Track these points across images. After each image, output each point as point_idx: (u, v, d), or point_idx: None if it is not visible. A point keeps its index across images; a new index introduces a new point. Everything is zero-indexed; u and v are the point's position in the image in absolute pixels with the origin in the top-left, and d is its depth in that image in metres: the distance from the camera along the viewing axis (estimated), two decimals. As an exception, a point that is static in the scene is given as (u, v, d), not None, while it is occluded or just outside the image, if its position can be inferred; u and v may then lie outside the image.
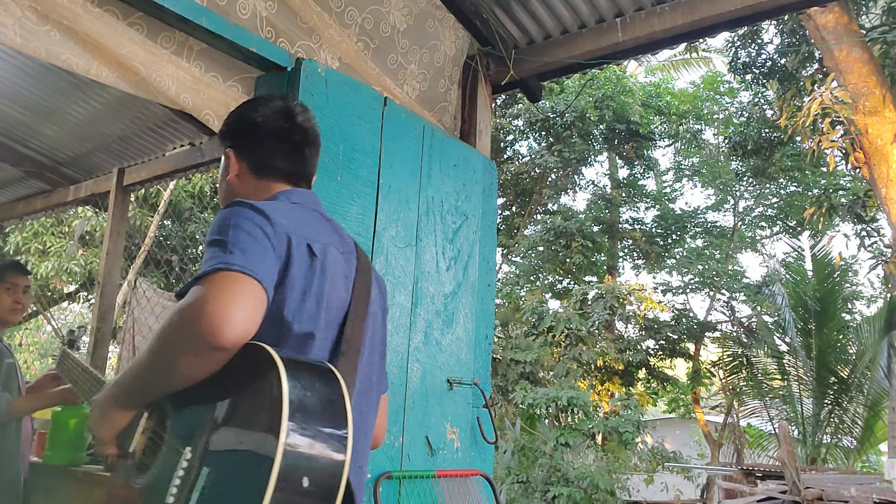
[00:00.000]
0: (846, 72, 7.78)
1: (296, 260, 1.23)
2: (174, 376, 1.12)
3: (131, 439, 1.25)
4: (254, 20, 2.28)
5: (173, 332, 1.10)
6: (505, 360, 11.00)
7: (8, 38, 1.80)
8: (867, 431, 11.75)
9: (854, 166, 8.12)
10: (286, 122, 1.47)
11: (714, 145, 17.17)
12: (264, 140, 1.46)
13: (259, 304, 1.12)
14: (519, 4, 3.12)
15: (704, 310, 16.47)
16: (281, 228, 1.23)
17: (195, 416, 1.14)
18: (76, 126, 4.16)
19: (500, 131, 14.20)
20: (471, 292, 2.80)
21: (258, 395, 1.08)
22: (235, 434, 1.09)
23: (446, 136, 2.83)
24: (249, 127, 1.47)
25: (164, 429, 1.21)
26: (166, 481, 1.11)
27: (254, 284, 1.12)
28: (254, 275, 1.12)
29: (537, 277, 17.26)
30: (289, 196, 1.41)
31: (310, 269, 1.27)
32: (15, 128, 4.29)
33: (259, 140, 1.46)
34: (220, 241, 1.17)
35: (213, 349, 1.06)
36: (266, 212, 1.23)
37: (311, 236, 1.30)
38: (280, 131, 1.46)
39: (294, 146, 1.47)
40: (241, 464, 1.05)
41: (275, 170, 1.45)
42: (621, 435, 9.62)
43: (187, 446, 1.12)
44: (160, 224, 8.97)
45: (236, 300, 1.08)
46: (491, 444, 2.78)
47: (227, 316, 1.06)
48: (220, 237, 1.18)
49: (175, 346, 1.10)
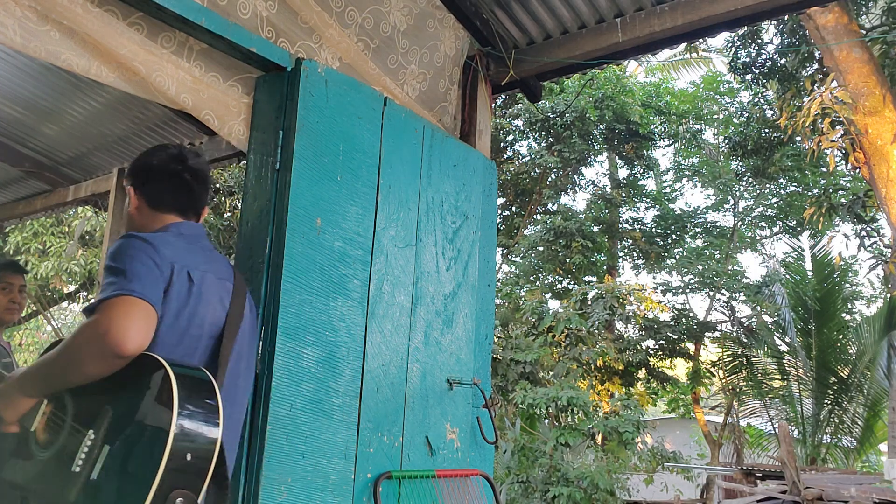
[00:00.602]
0: (846, 72, 7.78)
1: (175, 285, 1.55)
2: (80, 376, 1.43)
3: (33, 420, 1.54)
4: (254, 20, 2.28)
5: (84, 342, 1.41)
6: (505, 360, 11.00)
7: (8, 38, 1.80)
8: (867, 431, 11.76)
9: (854, 166, 8.12)
10: (179, 165, 1.76)
11: (714, 145, 17.16)
12: (159, 180, 1.75)
13: (152, 322, 1.45)
14: (519, 5, 3.12)
15: (704, 310, 16.48)
16: (166, 258, 1.55)
17: (97, 406, 1.44)
18: (76, 126, 4.16)
19: (499, 131, 14.20)
20: (471, 292, 2.80)
21: (151, 390, 1.41)
22: (133, 420, 1.40)
23: (446, 136, 2.83)
24: (147, 168, 1.77)
25: (66, 414, 1.50)
26: (70, 455, 1.42)
27: (147, 307, 1.44)
28: (147, 299, 1.45)
29: (537, 277, 17.26)
30: (178, 227, 1.72)
31: (188, 293, 1.57)
32: (15, 127, 4.29)
33: (154, 179, 1.75)
34: (119, 269, 1.47)
35: (116, 357, 1.38)
36: (154, 243, 1.55)
37: (192, 264, 1.61)
38: (173, 172, 1.75)
39: (184, 185, 1.76)
40: (138, 443, 1.38)
41: (167, 204, 1.74)
42: (621, 435, 9.61)
43: (90, 429, 1.42)
44: (160, 224, 8.94)
45: (135, 319, 1.41)
46: (491, 444, 2.78)
47: (128, 332, 1.38)
48: (118, 265, 1.48)
49: (84, 353, 1.41)
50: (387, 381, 2.34)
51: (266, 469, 1.93)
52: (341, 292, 2.23)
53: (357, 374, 2.23)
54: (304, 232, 2.14)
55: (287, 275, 2.07)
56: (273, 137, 2.20)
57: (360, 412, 2.22)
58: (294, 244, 2.11)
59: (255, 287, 2.09)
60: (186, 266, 1.59)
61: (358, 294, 2.28)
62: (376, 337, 2.33)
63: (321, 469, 2.08)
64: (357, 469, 2.18)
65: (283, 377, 2.01)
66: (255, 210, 2.18)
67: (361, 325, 2.28)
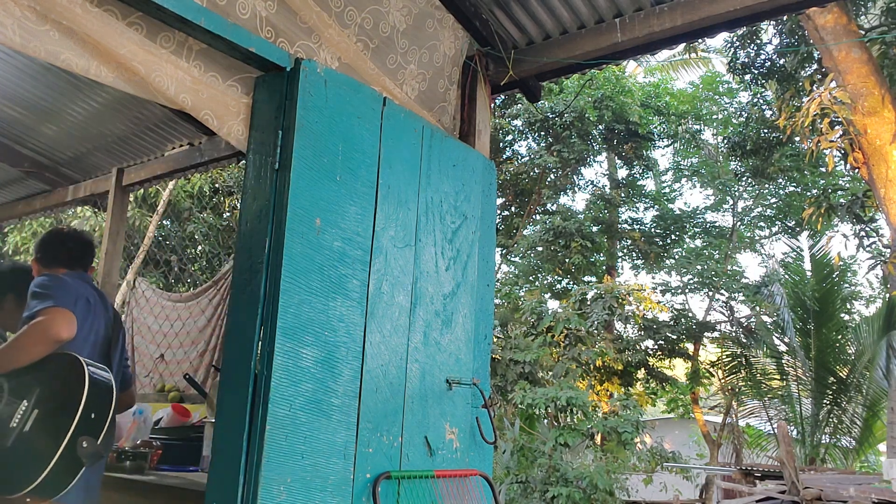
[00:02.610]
0: (845, 72, 7.78)
1: (79, 304, 2.42)
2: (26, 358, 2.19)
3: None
4: (253, 20, 2.28)
5: (34, 332, 2.19)
6: (504, 360, 11.01)
7: (7, 38, 1.79)
8: (866, 431, 11.77)
9: (853, 166, 8.13)
10: (60, 241, 2.73)
11: (713, 145, 17.17)
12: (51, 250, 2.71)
13: (74, 324, 2.25)
14: (518, 5, 3.12)
15: (703, 310, 16.50)
16: (71, 287, 2.44)
17: (27, 386, 2.17)
18: (75, 126, 4.16)
19: (499, 131, 14.20)
20: (470, 292, 2.80)
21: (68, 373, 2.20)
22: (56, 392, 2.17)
23: (445, 136, 2.83)
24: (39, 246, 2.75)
25: (3, 392, 2.20)
26: (9, 417, 2.14)
27: (71, 314, 2.26)
28: (70, 309, 2.28)
29: (536, 277, 17.28)
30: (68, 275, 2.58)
31: (86, 310, 2.47)
32: (14, 127, 4.29)
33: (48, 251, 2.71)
34: (47, 294, 2.30)
35: (55, 342, 2.19)
36: (62, 278, 2.49)
37: (84, 295, 2.50)
38: (57, 247, 2.72)
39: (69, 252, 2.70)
40: (59, 407, 2.14)
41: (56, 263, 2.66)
42: (620, 435, 9.62)
43: (24, 400, 2.15)
44: (159, 224, 8.96)
45: (67, 321, 2.23)
46: (490, 445, 2.78)
47: (63, 327, 2.20)
48: (47, 291, 2.32)
49: (33, 341, 2.19)
50: (386, 382, 2.34)
51: (265, 469, 1.93)
52: (340, 292, 2.23)
53: (356, 375, 2.23)
54: (304, 232, 2.14)
55: (286, 275, 2.07)
56: (272, 137, 2.20)
57: (359, 412, 2.22)
58: (293, 244, 2.11)
59: (254, 287, 2.09)
60: (84, 295, 2.50)
61: (357, 294, 2.28)
62: (375, 337, 2.33)
63: (320, 469, 2.08)
64: (356, 469, 2.18)
65: (283, 377, 2.01)
66: (255, 210, 2.18)
67: (360, 325, 2.28)
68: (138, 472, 3.06)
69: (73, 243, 2.73)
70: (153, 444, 3.36)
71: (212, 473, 2.03)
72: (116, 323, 2.72)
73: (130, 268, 7.65)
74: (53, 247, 2.71)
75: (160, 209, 8.48)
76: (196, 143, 4.12)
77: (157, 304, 5.02)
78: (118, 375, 2.54)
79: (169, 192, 8.49)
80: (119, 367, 2.67)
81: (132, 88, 2.07)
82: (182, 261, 9.94)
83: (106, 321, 2.61)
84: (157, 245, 8.89)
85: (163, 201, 8.44)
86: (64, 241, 2.73)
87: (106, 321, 2.61)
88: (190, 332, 4.67)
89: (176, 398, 4.23)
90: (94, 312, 2.52)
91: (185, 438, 3.53)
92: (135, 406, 3.33)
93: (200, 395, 3.77)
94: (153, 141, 4.26)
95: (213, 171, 8.24)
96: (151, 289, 5.26)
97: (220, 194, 10.75)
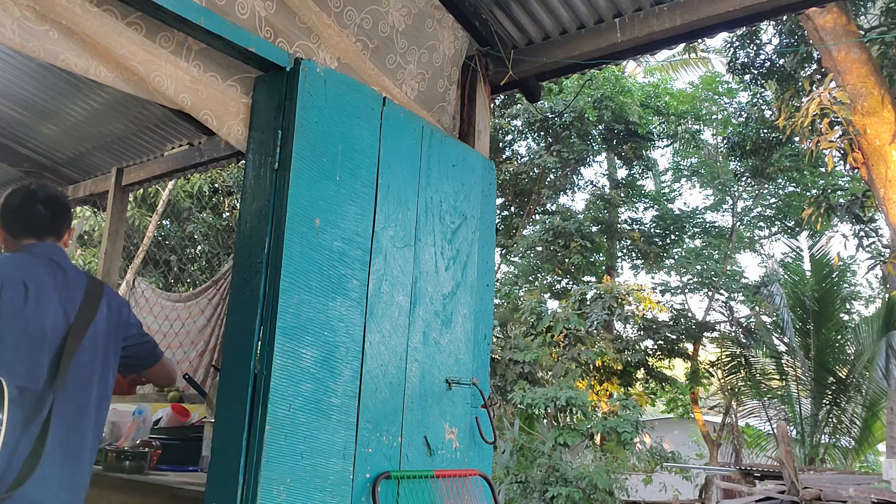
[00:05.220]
0: (844, 72, 7.79)
1: (6, 294, 1.92)
2: None
3: None
4: (253, 20, 2.27)
5: None
6: (504, 360, 11.01)
7: (7, 38, 1.79)
8: (865, 431, 11.78)
9: (852, 167, 8.13)
10: (29, 200, 2.17)
11: (713, 145, 17.18)
12: (14, 214, 2.17)
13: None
14: (518, 5, 3.12)
15: (703, 310, 16.48)
16: None
17: None
18: (75, 126, 4.16)
19: (498, 131, 14.21)
20: (469, 292, 2.80)
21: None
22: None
23: (445, 136, 2.83)
24: (4, 209, 2.19)
25: None
26: None
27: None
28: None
29: (536, 277, 17.27)
30: (31, 248, 2.12)
31: (24, 300, 1.95)
32: (14, 127, 4.29)
33: (10, 215, 2.17)
34: None
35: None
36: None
37: (30, 277, 2.00)
38: (25, 207, 2.16)
39: (37, 215, 2.16)
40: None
41: (23, 231, 2.15)
42: (620, 435, 9.63)
43: None
44: (159, 224, 8.96)
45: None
46: (490, 445, 2.78)
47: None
48: None
49: None
50: (385, 381, 2.34)
51: (265, 469, 1.93)
52: (340, 292, 2.23)
53: (356, 374, 2.23)
54: (303, 232, 2.14)
55: (286, 275, 2.07)
56: (272, 137, 2.20)
57: (358, 412, 2.22)
58: (293, 244, 2.11)
59: (253, 287, 2.09)
60: (22, 278, 1.98)
61: (357, 294, 2.28)
62: (375, 337, 2.33)
63: (320, 469, 2.08)
64: (356, 469, 2.18)
65: (282, 377, 2.01)
66: (254, 210, 2.18)
67: (360, 325, 2.28)
68: (138, 472, 3.06)
69: (44, 204, 2.19)
70: (152, 443, 3.36)
71: (211, 473, 2.03)
72: (92, 301, 2.15)
73: (130, 268, 7.65)
74: (17, 209, 2.19)
75: (160, 209, 8.47)
76: (195, 143, 4.12)
77: (156, 304, 5.01)
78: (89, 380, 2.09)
79: (168, 191, 8.48)
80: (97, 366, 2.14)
81: (131, 88, 2.07)
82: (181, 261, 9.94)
83: (67, 306, 2.06)
84: (157, 245, 8.89)
85: (162, 201, 8.43)
86: (35, 199, 2.19)
87: (67, 306, 2.06)
88: (189, 332, 4.67)
89: (175, 398, 4.23)
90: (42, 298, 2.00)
91: (184, 438, 3.52)
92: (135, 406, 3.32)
93: (200, 395, 3.77)
94: (153, 141, 4.26)
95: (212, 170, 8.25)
96: (151, 289, 5.25)
97: (220, 194, 10.75)
